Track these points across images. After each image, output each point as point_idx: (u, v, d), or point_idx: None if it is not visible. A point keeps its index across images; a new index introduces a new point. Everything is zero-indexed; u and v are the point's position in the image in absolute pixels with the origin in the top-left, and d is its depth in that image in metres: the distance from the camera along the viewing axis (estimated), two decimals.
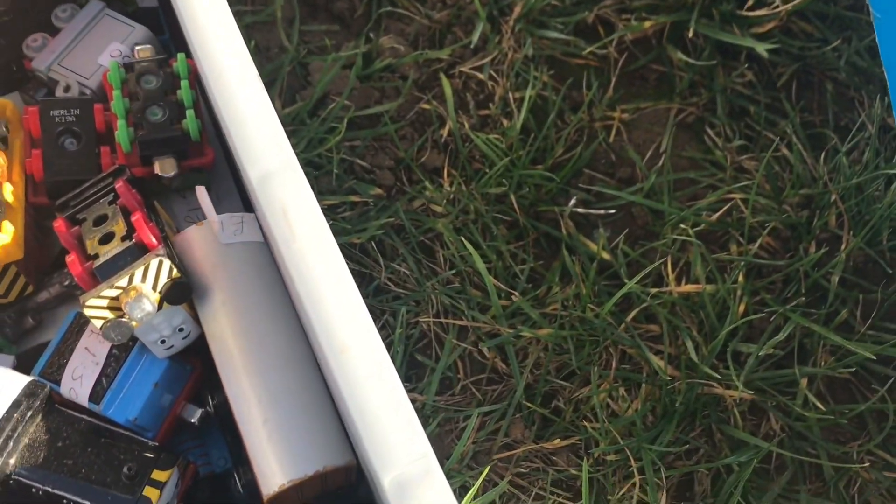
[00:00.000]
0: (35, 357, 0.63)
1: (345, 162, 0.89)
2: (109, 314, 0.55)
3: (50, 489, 0.56)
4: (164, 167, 0.64)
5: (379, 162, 0.90)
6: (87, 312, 0.55)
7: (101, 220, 0.60)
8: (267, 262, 0.60)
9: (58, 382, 0.59)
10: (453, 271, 0.84)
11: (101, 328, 0.55)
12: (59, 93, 0.70)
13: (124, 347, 0.59)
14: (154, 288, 0.56)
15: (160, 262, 0.55)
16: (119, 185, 0.60)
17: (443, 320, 0.83)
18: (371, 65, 0.94)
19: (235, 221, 0.60)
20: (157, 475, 0.57)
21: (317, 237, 0.53)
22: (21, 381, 0.58)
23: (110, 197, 0.61)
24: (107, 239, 0.58)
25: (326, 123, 0.89)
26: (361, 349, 0.49)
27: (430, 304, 0.83)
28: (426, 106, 0.92)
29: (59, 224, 0.60)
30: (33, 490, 0.56)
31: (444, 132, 0.91)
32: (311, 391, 0.56)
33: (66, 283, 0.65)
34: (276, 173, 0.55)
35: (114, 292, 0.55)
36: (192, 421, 0.62)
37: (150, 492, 0.57)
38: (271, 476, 0.53)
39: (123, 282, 0.55)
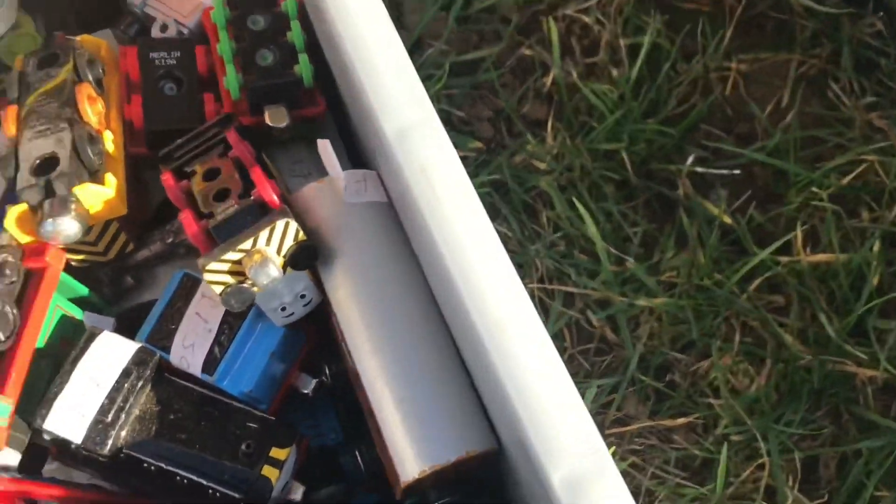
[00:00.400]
0: (134, 319, 0.58)
1: (441, 113, 0.83)
2: (230, 279, 0.51)
3: (163, 465, 0.52)
4: (276, 117, 0.59)
5: (477, 113, 0.84)
6: (207, 277, 0.50)
7: (212, 174, 0.54)
8: (393, 225, 0.54)
9: (167, 350, 0.55)
10: (559, 234, 0.79)
11: (220, 294, 0.51)
12: (156, 32, 0.64)
13: (239, 314, 0.55)
14: (278, 251, 0.51)
15: (286, 224, 0.50)
16: (231, 135, 0.55)
17: (548, 286, 0.78)
18: (470, 6, 0.87)
19: (358, 179, 0.54)
20: (276, 453, 0.53)
21: (462, 199, 0.48)
22: (130, 347, 0.53)
23: (220, 149, 0.56)
24: (221, 196, 0.53)
25: (423, 70, 0.83)
26: (520, 326, 0.44)
27: (534, 268, 0.78)
28: (528, 52, 0.86)
29: (167, 177, 0.55)
30: (144, 465, 0.52)
31: (548, 81, 0.84)
32: (447, 368, 0.51)
33: (169, 240, 0.60)
34: (414, 128, 0.49)
35: (236, 255, 0.50)
36: (307, 392, 0.58)
37: (268, 471, 0.52)
38: (409, 461, 0.49)
39: (247, 244, 0.50)
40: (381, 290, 0.52)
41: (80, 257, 0.59)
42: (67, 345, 0.56)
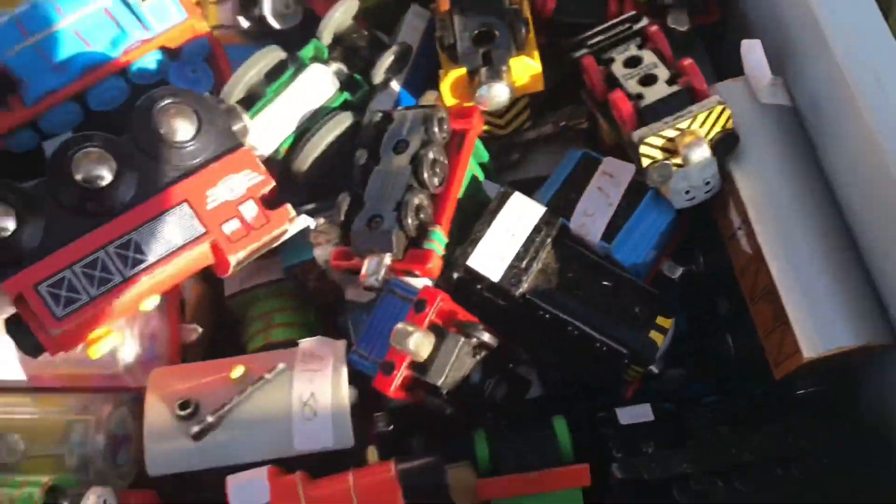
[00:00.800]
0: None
1: None
2: (659, 155, 0.55)
3: (560, 314, 0.58)
4: (678, 20, 0.63)
5: None
6: (642, 150, 0.55)
7: (633, 62, 0.59)
8: (797, 129, 0.58)
9: (566, 217, 0.60)
10: None
11: (646, 167, 0.56)
12: None
13: (638, 192, 0.60)
14: (706, 135, 0.55)
15: (722, 110, 0.54)
16: (653, 29, 0.60)
17: None
18: None
19: (775, 82, 0.58)
20: (662, 321, 0.58)
21: None
22: (539, 209, 0.59)
23: (638, 41, 0.61)
24: (648, 81, 0.58)
25: None
26: None
27: None
28: None
29: (589, 61, 0.60)
30: (541, 313, 0.58)
31: None
32: (848, 261, 0.54)
33: (562, 123, 0.66)
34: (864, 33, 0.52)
35: (672, 133, 0.54)
36: (673, 277, 0.62)
37: (655, 336, 0.58)
38: (811, 341, 0.52)
39: (684, 124, 0.54)
40: (791, 183, 0.56)
41: (484, 127, 0.66)
42: (470, 201, 0.62)
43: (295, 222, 0.57)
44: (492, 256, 0.57)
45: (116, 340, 0.54)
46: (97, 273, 0.52)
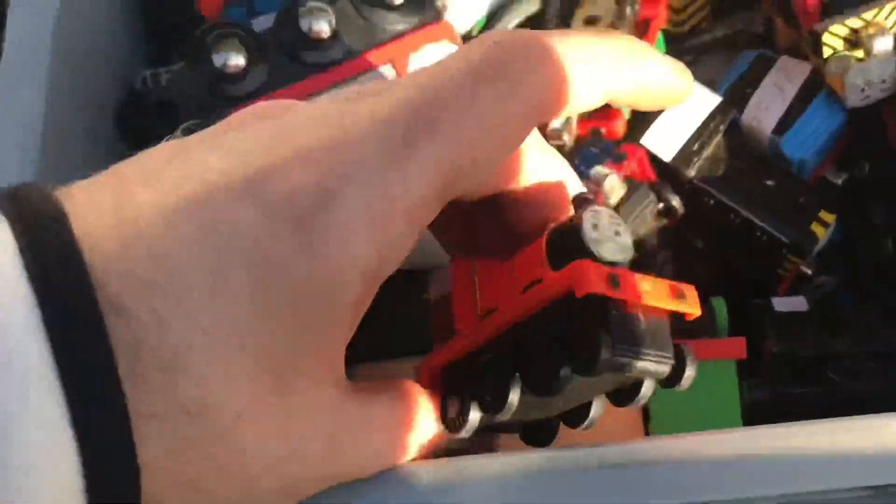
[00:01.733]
0: None
1: None
2: (840, 46, 0.57)
3: (725, 200, 0.60)
4: None
5: None
6: (825, 39, 0.57)
7: None
8: None
9: (740, 111, 0.63)
10: None
11: (826, 58, 0.57)
12: None
13: (812, 89, 0.62)
14: (890, 28, 0.57)
15: None
16: None
17: None
18: None
19: None
20: (825, 215, 0.60)
21: None
22: (715, 99, 0.62)
23: None
24: None
25: None
26: None
27: None
28: None
29: None
30: (705, 199, 0.61)
31: None
32: None
33: (738, 27, 0.68)
34: None
35: (857, 23, 0.56)
36: (837, 182, 0.64)
37: (816, 228, 0.60)
38: None
39: (870, 14, 0.56)
40: None
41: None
42: None
43: None
44: (665, 137, 0.60)
45: None
46: None
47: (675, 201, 0.57)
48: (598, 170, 0.55)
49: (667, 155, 0.60)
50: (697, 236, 0.62)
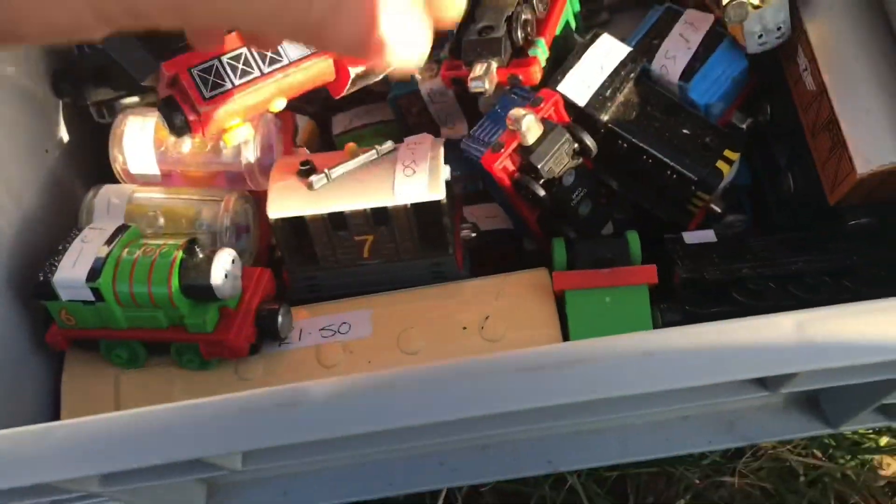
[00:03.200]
0: None
1: None
2: None
3: (636, 141, 0.64)
4: None
5: None
6: None
7: None
8: None
9: (650, 61, 0.67)
10: None
11: (725, 5, 0.62)
12: None
13: (715, 38, 0.66)
14: None
15: None
16: None
17: None
18: None
19: None
20: (729, 154, 0.64)
21: None
22: (625, 49, 0.66)
23: None
24: None
25: None
26: None
27: None
28: None
29: None
30: (618, 141, 0.65)
31: None
32: None
33: None
34: None
35: None
36: (742, 126, 0.68)
37: (721, 165, 0.64)
38: (868, 157, 0.58)
39: None
40: (858, 26, 0.62)
41: None
42: (562, 44, 0.69)
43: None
44: (580, 84, 0.64)
45: (248, 134, 0.62)
46: (240, 66, 0.60)
47: (589, 140, 0.61)
48: (517, 111, 0.59)
49: (581, 100, 0.64)
50: (612, 177, 0.66)
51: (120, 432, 0.47)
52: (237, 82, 0.60)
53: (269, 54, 0.60)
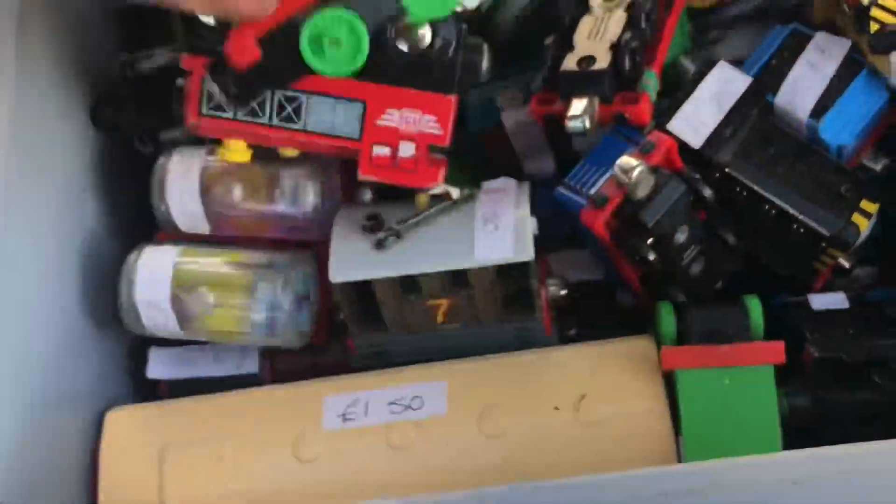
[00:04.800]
0: None
1: None
2: (891, 20, 0.52)
3: (759, 189, 0.55)
4: None
5: None
6: (874, 13, 0.52)
7: None
8: None
9: (773, 94, 0.58)
10: None
11: (873, 33, 0.53)
12: None
13: (852, 68, 0.57)
14: None
15: None
16: None
17: None
18: None
19: None
20: (866, 205, 0.55)
21: None
22: (746, 80, 0.57)
23: None
24: None
25: None
26: None
27: None
28: None
29: None
30: (737, 189, 0.56)
31: None
32: None
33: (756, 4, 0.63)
34: None
35: None
36: (876, 168, 0.59)
37: (858, 219, 0.55)
38: None
39: None
40: None
41: None
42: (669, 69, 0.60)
43: (433, 190, 0.54)
44: (694, 122, 0.55)
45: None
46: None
47: (707, 192, 0.52)
48: (626, 161, 0.50)
49: (696, 141, 0.55)
50: (728, 230, 0.57)
51: None
52: (240, 117, 0.53)
53: (289, 110, 0.53)
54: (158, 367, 0.60)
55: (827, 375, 0.52)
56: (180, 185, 0.58)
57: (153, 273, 0.55)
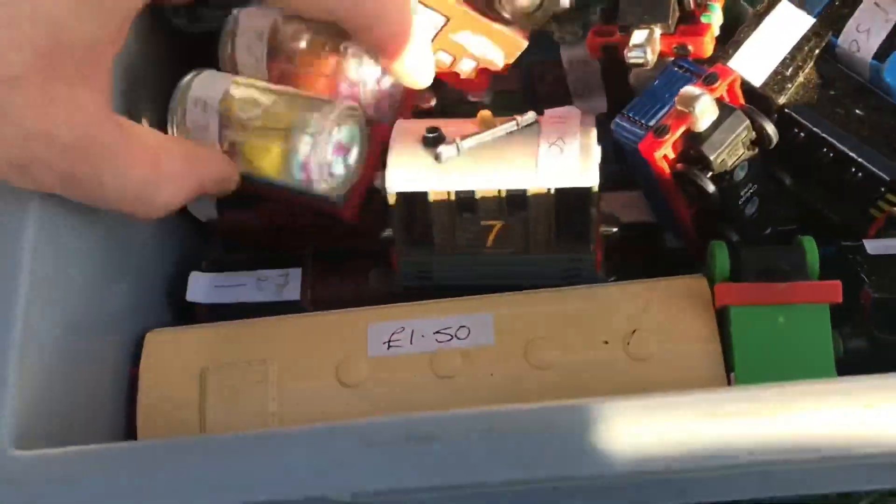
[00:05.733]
0: None
1: None
2: None
3: (818, 131, 0.54)
4: None
5: None
6: None
7: None
8: None
9: (836, 34, 0.57)
10: None
11: None
12: None
13: None
14: None
15: None
16: None
17: None
18: None
19: None
20: None
21: None
22: (808, 20, 0.56)
23: None
24: None
25: None
26: None
27: None
28: None
29: None
30: (795, 130, 0.55)
31: None
32: None
33: None
34: None
35: None
36: None
37: None
38: None
39: None
40: None
41: None
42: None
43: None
44: (755, 60, 0.54)
45: None
46: None
47: (770, 128, 0.51)
48: (690, 90, 0.49)
49: (757, 79, 0.54)
50: (785, 171, 0.56)
51: (214, 462, 0.39)
52: None
53: None
54: (198, 291, 0.59)
55: (884, 317, 0.51)
56: (248, 37, 0.56)
57: (213, 78, 0.55)
